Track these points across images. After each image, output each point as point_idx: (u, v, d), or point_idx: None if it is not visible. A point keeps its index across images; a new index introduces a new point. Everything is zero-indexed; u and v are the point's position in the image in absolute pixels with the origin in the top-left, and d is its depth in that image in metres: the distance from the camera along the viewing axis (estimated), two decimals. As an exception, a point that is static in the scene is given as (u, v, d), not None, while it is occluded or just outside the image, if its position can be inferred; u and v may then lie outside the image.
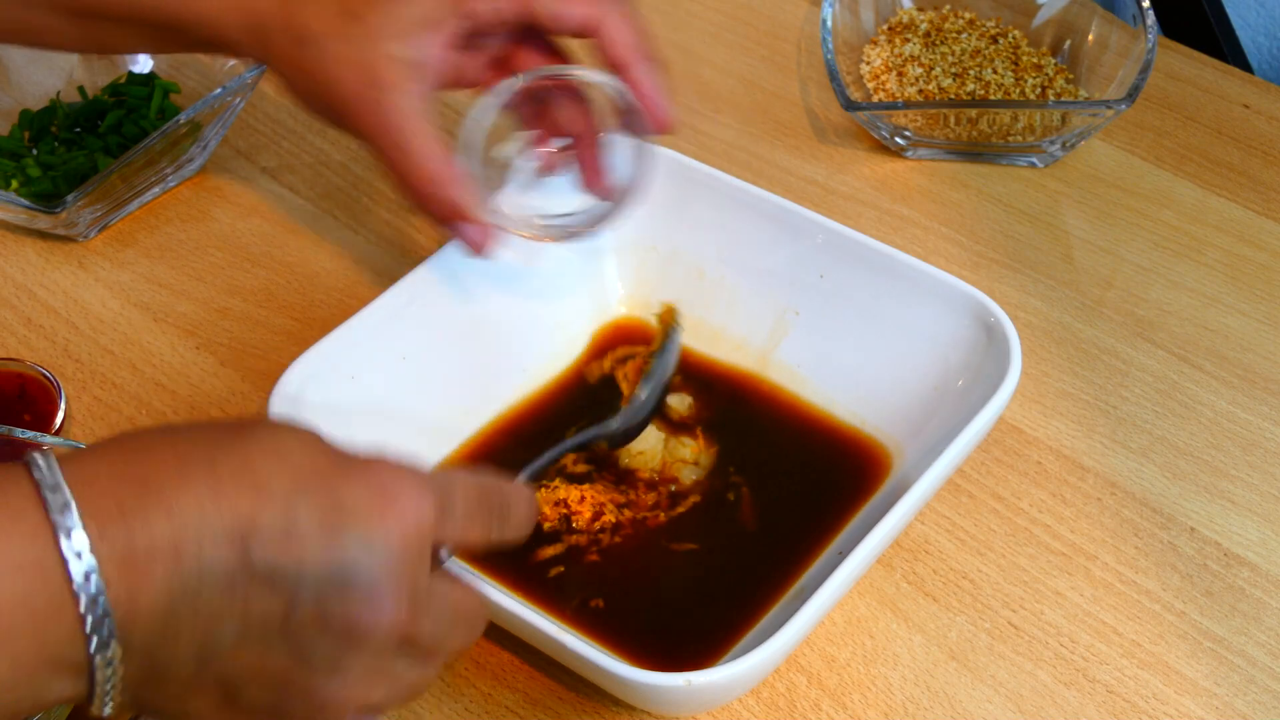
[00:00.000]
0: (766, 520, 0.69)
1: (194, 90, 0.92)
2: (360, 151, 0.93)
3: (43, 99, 0.92)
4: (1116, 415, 0.77)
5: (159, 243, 0.87)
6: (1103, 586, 0.70)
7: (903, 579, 0.70)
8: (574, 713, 0.66)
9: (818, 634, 0.68)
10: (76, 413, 0.77)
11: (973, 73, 0.92)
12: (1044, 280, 0.84)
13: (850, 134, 0.93)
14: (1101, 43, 0.92)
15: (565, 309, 0.78)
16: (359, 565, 0.46)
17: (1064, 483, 0.74)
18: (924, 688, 0.66)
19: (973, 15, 0.96)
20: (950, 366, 0.71)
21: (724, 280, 0.77)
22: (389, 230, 0.88)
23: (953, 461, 0.64)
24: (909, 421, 0.71)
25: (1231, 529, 0.72)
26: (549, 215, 0.73)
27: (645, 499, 0.70)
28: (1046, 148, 0.89)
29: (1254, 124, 0.93)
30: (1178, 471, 0.74)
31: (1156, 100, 0.95)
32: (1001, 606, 0.69)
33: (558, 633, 0.58)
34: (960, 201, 0.89)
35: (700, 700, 0.60)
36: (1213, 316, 0.82)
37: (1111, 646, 0.67)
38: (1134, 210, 0.88)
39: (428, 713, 0.65)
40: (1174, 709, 0.65)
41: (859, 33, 0.96)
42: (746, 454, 0.72)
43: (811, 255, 0.74)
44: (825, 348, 0.74)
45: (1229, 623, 0.68)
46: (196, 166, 0.91)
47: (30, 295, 0.84)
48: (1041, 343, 0.81)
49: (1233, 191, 0.89)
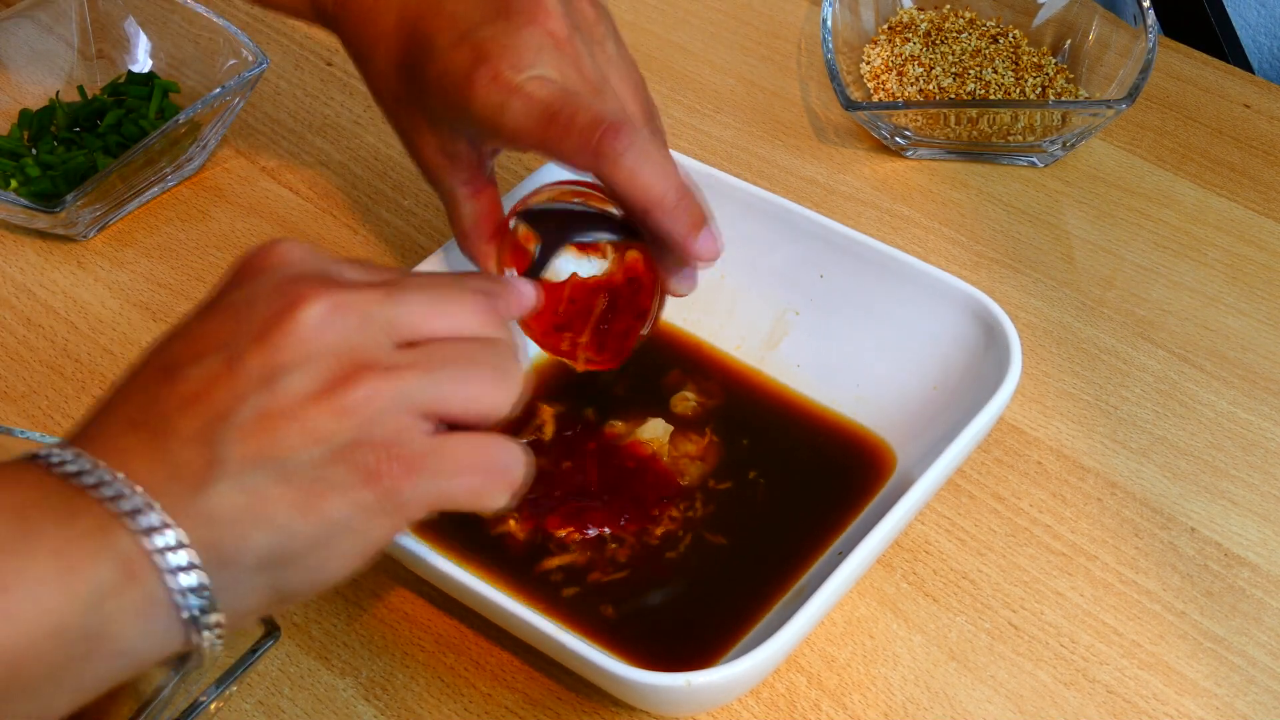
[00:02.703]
0: (767, 520, 0.69)
1: (194, 90, 0.92)
2: (360, 151, 0.93)
3: (42, 99, 0.92)
4: (1116, 415, 0.77)
5: (159, 242, 0.87)
6: (1103, 586, 0.70)
7: (903, 579, 0.70)
8: (574, 713, 0.66)
9: (818, 634, 0.68)
10: (76, 412, 0.77)
11: (973, 72, 0.92)
12: (1044, 280, 0.84)
13: (850, 134, 0.93)
14: (1102, 42, 0.92)
15: (565, 309, 0.78)
16: (259, 303, 0.48)
17: (1064, 483, 0.74)
18: (924, 688, 0.66)
19: (973, 15, 0.96)
20: (950, 366, 0.71)
21: (723, 280, 0.77)
22: (389, 230, 0.88)
23: (953, 461, 0.64)
24: (909, 422, 0.71)
25: (1232, 529, 0.72)
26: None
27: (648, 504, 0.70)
28: (1047, 148, 0.89)
29: (1254, 124, 0.93)
30: (1178, 471, 0.74)
31: (1157, 100, 0.95)
32: (1001, 606, 0.69)
33: (557, 633, 0.58)
34: (960, 201, 0.89)
35: (700, 700, 0.60)
36: (1213, 316, 0.82)
37: (1111, 647, 0.67)
38: (1134, 210, 0.88)
39: (427, 713, 0.65)
40: (1174, 709, 0.65)
41: (859, 32, 0.96)
42: (747, 454, 0.72)
43: (811, 255, 0.74)
44: (825, 347, 0.74)
45: (1229, 623, 0.68)
46: (196, 166, 0.91)
47: (30, 295, 0.84)
48: (1041, 343, 0.81)
49: (1233, 191, 0.89)
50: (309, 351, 0.47)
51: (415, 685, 0.66)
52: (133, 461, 0.45)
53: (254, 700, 0.66)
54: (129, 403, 0.47)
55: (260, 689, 0.66)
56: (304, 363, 0.47)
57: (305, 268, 0.50)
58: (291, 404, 0.46)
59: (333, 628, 0.68)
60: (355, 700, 0.66)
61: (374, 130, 0.94)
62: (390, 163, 0.92)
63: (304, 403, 0.46)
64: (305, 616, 0.69)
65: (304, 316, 0.47)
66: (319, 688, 0.67)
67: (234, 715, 0.66)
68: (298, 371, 0.46)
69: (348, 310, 0.48)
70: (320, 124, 0.95)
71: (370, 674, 0.67)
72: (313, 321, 0.47)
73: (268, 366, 0.46)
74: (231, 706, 0.66)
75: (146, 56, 0.94)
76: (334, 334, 0.47)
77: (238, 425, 0.45)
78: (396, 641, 0.68)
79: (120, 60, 0.94)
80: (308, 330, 0.47)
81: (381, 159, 0.92)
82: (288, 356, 0.47)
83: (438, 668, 0.67)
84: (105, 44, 0.95)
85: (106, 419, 0.47)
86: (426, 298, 0.50)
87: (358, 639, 0.68)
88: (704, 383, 0.75)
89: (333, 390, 0.47)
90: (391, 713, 0.66)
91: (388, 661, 0.67)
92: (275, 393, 0.46)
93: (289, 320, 0.47)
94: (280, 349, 0.47)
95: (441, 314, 0.50)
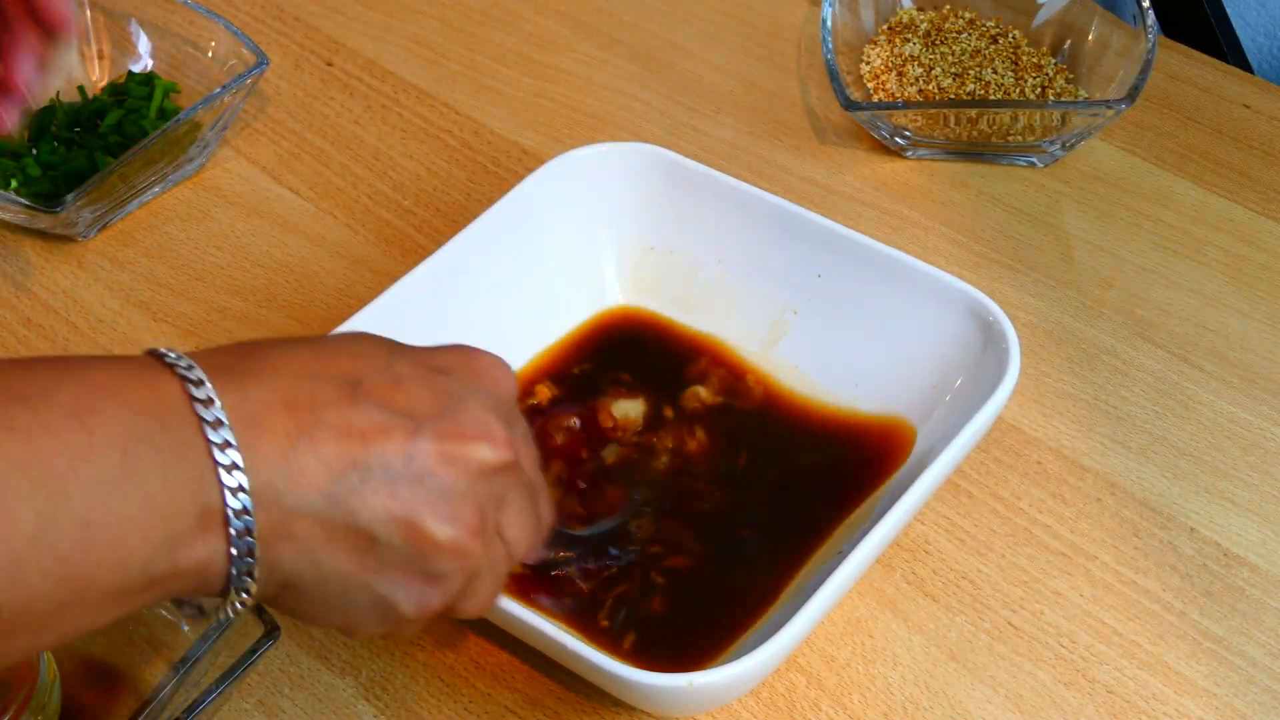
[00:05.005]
0: (766, 519, 0.69)
1: (194, 90, 0.92)
2: (360, 151, 0.93)
3: (43, 99, 0.92)
4: (1116, 415, 0.77)
5: (159, 242, 0.87)
6: (1103, 586, 0.70)
7: (903, 579, 0.70)
8: (574, 713, 0.66)
9: (818, 634, 0.68)
10: (76, 413, 0.77)
11: (973, 73, 0.92)
12: (1044, 280, 0.84)
13: (850, 134, 0.93)
14: (1101, 43, 0.92)
15: (564, 309, 0.78)
16: (466, 402, 0.49)
17: (1064, 483, 0.74)
18: (924, 688, 0.66)
19: (973, 15, 0.96)
20: (949, 366, 0.71)
21: (722, 280, 0.77)
22: (389, 230, 0.88)
23: (952, 461, 0.64)
24: (908, 422, 0.71)
25: (1231, 529, 0.72)
26: None
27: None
28: (1046, 148, 0.89)
29: (1254, 124, 0.93)
30: (1178, 471, 0.74)
31: (1156, 100, 0.95)
32: (1001, 606, 0.69)
33: (558, 633, 0.58)
34: (960, 201, 0.89)
35: (700, 700, 0.60)
36: (1213, 316, 0.82)
37: (1111, 646, 0.67)
38: (1134, 210, 0.88)
39: (427, 713, 0.65)
40: (1174, 709, 0.65)
41: (859, 32, 0.96)
42: (746, 453, 0.72)
43: (810, 255, 0.74)
44: (824, 348, 0.74)
45: (1229, 623, 0.68)
46: (196, 166, 0.91)
47: (30, 295, 0.84)
48: (1041, 343, 0.81)
49: (1233, 191, 0.89)
50: (462, 484, 0.48)
51: (415, 685, 0.66)
52: (263, 439, 0.45)
53: (254, 700, 0.66)
54: (296, 382, 0.47)
55: (260, 689, 0.66)
56: (452, 485, 0.48)
57: (509, 408, 0.52)
58: (420, 498, 0.47)
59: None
60: (355, 700, 0.66)
61: (374, 130, 0.94)
62: (390, 163, 0.92)
63: (429, 505, 0.47)
64: (305, 616, 0.69)
65: (486, 455, 0.49)
66: (319, 688, 0.67)
67: (234, 715, 0.66)
68: (444, 486, 0.48)
69: (510, 477, 0.50)
70: (320, 124, 0.95)
71: (370, 674, 0.67)
72: (488, 464, 0.49)
73: (428, 465, 0.47)
74: (231, 706, 0.66)
75: (147, 56, 0.94)
76: (485, 486, 0.49)
77: (368, 477, 0.46)
78: (397, 641, 0.68)
79: (120, 60, 0.94)
80: (476, 467, 0.49)
81: (381, 159, 0.92)
82: (448, 472, 0.48)
83: (438, 668, 0.67)
84: (105, 44, 0.95)
85: (265, 380, 0.46)
86: (535, 514, 0.53)
87: (358, 639, 0.68)
88: (716, 381, 0.75)
89: (451, 520, 0.48)
90: (391, 713, 0.66)
91: (388, 661, 0.67)
92: (414, 485, 0.47)
93: (474, 448, 0.49)
94: (449, 462, 0.48)
95: (526, 535, 0.52)
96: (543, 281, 0.77)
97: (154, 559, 0.43)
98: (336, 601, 0.48)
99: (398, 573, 0.48)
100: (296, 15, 1.02)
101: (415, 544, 0.47)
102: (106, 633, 0.66)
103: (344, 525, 0.46)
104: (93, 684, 0.65)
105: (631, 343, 0.77)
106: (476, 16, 1.02)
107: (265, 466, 0.45)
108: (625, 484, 0.70)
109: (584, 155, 0.77)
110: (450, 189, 0.90)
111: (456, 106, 0.96)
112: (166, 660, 0.65)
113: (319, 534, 0.46)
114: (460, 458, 0.48)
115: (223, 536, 0.44)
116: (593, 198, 0.78)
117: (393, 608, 0.48)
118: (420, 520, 0.47)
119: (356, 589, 0.47)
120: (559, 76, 0.98)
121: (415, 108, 0.95)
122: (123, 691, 0.65)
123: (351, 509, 0.46)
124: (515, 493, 0.51)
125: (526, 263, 0.76)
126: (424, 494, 0.47)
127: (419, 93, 0.96)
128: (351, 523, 0.46)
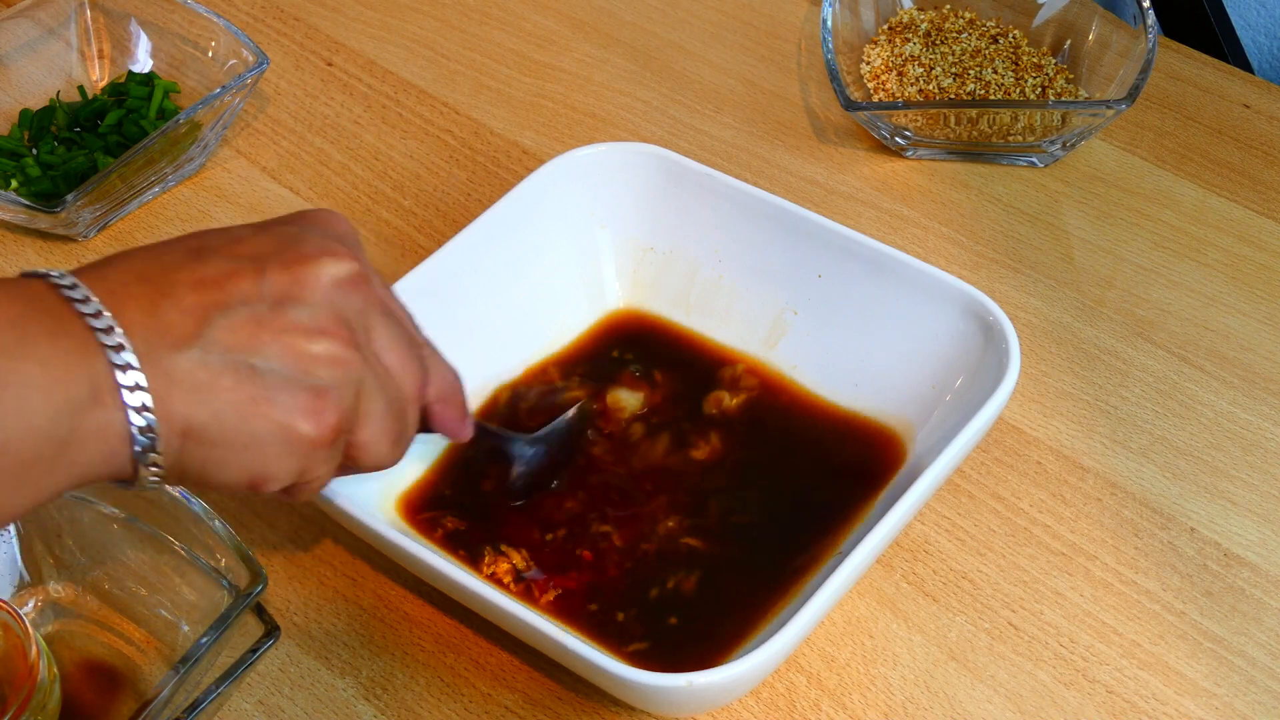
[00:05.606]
0: (767, 520, 0.69)
1: (194, 90, 0.92)
2: (360, 151, 0.93)
3: (43, 99, 0.92)
4: (1116, 415, 0.77)
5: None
6: (1102, 586, 0.70)
7: (903, 579, 0.70)
8: (574, 713, 0.66)
9: (818, 634, 0.68)
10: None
11: (973, 73, 0.92)
12: (1044, 280, 0.84)
13: (850, 134, 0.93)
14: (1102, 43, 0.92)
15: (564, 309, 0.78)
16: (305, 237, 0.54)
17: (1064, 483, 0.74)
18: (924, 688, 0.66)
19: (973, 15, 0.96)
20: (949, 366, 0.71)
21: (722, 280, 0.77)
22: (389, 230, 0.88)
23: (952, 461, 0.64)
24: (908, 422, 0.71)
25: (1231, 529, 0.72)
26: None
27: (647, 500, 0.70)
28: (1046, 148, 0.89)
29: (1254, 124, 0.93)
30: (1178, 471, 0.74)
31: (1157, 100, 0.95)
32: (1001, 606, 0.69)
33: (558, 633, 0.58)
34: (960, 201, 0.89)
35: (701, 701, 0.60)
36: (1213, 316, 0.82)
37: (1111, 647, 0.68)
38: (1134, 210, 0.88)
39: (427, 713, 0.65)
40: (1174, 709, 0.65)
41: (859, 32, 0.96)
42: (746, 454, 0.72)
43: (810, 255, 0.74)
44: (824, 348, 0.74)
45: (1229, 623, 0.68)
46: (196, 166, 0.91)
47: (30, 295, 0.84)
48: (1041, 343, 0.81)
49: (1233, 191, 0.89)
50: (319, 299, 0.52)
51: (415, 685, 0.67)
52: (128, 306, 0.49)
53: (254, 700, 0.66)
54: (147, 261, 0.51)
55: (260, 689, 0.67)
56: (311, 304, 0.52)
57: (352, 243, 0.56)
58: (283, 325, 0.51)
59: (333, 628, 0.68)
60: (355, 700, 0.66)
61: (374, 130, 0.94)
62: (390, 163, 0.92)
63: (293, 329, 0.51)
64: (305, 616, 0.69)
65: (332, 269, 0.53)
66: (319, 688, 0.67)
67: (234, 715, 0.66)
68: (304, 307, 0.52)
69: (365, 291, 0.54)
70: (320, 124, 0.95)
71: (370, 674, 0.67)
72: (337, 276, 0.53)
73: (282, 289, 0.52)
74: (231, 706, 0.66)
75: (147, 56, 0.94)
76: (343, 299, 0.53)
77: (231, 317, 0.50)
78: (396, 641, 0.68)
79: (120, 60, 0.94)
80: (327, 280, 0.53)
81: (381, 159, 0.92)
82: (302, 291, 0.52)
83: (438, 668, 0.67)
84: (105, 44, 0.95)
85: (119, 265, 0.51)
86: (408, 339, 0.56)
87: (358, 639, 0.68)
88: (703, 382, 0.75)
89: (320, 335, 0.52)
90: (391, 713, 0.66)
91: (388, 661, 0.67)
92: (275, 310, 0.51)
93: (319, 265, 0.53)
94: (300, 283, 0.52)
95: (407, 362, 0.56)
96: (543, 281, 0.77)
97: (59, 421, 0.47)
98: (240, 439, 0.50)
99: (285, 394, 0.51)
100: (296, 15, 1.02)
101: (292, 361, 0.51)
102: (106, 633, 0.67)
103: (221, 363, 0.50)
104: (93, 684, 0.65)
105: (641, 344, 0.77)
106: (476, 16, 1.02)
107: (137, 326, 0.48)
108: (615, 472, 0.71)
109: (584, 155, 0.77)
110: (450, 189, 0.90)
111: (456, 106, 0.96)
112: (166, 660, 0.65)
113: (203, 377, 0.49)
114: (310, 277, 0.52)
115: (116, 397, 0.48)
116: (593, 198, 0.78)
117: (293, 430, 0.51)
118: (290, 338, 0.51)
119: (254, 418, 0.50)
120: (559, 76, 0.98)
121: (415, 108, 0.95)
122: (123, 691, 0.65)
123: (225, 346, 0.50)
124: (378, 314, 0.54)
125: (526, 262, 0.76)
126: (286, 315, 0.51)
127: (419, 93, 0.96)
128: (228, 359, 0.50)
